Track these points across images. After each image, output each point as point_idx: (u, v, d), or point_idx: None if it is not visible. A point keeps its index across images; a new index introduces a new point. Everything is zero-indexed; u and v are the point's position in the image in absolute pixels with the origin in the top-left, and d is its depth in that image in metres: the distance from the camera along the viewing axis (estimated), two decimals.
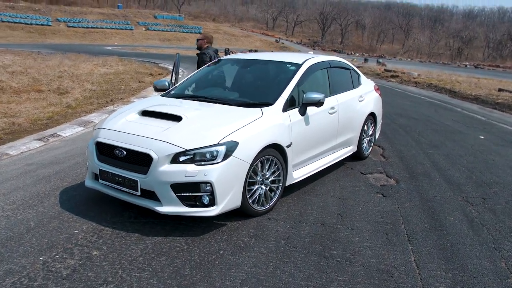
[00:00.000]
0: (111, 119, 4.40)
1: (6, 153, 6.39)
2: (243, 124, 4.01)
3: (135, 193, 3.86)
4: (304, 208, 4.60)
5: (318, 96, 4.67)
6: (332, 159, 5.60)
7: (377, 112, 6.82)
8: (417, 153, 7.19)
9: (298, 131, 4.64)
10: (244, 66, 5.62)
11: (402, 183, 5.63)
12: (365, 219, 4.39)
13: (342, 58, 6.44)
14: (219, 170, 3.69)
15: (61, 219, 4.13)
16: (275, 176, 4.35)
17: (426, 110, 12.38)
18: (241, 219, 4.21)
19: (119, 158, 3.96)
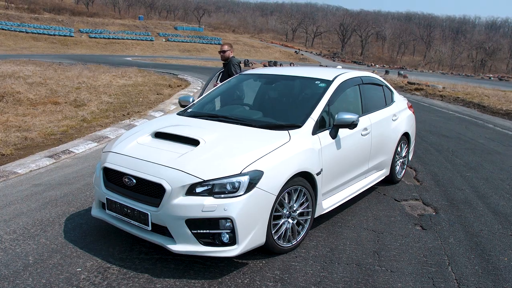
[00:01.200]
0: (120, 142, 3.96)
1: (14, 171, 6.03)
2: (268, 150, 3.52)
3: (145, 228, 3.40)
4: (335, 243, 4.07)
5: (351, 117, 4.16)
6: (363, 185, 5.06)
7: (411, 132, 6.26)
8: (453, 176, 6.59)
9: (328, 156, 4.12)
10: (268, 82, 5.15)
11: (442, 212, 5.06)
12: (406, 259, 3.83)
13: (374, 73, 5.92)
14: (241, 204, 3.20)
15: (63, 253, 3.69)
16: (303, 208, 3.84)
17: (456, 127, 11.72)
18: (265, 257, 3.70)
19: (128, 187, 3.51)
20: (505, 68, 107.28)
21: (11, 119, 9.72)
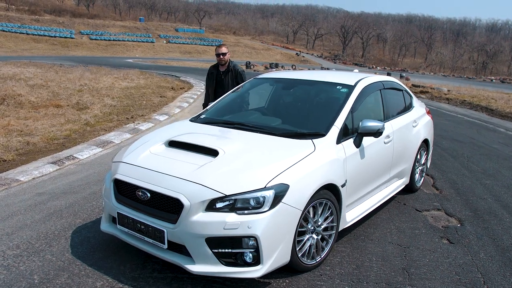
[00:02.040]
0: (132, 151, 3.70)
1: (16, 179, 5.78)
2: (293, 162, 3.26)
3: (160, 246, 3.14)
4: (361, 259, 3.81)
5: (377, 125, 3.91)
6: (385, 195, 4.81)
7: (430, 138, 6.01)
8: (473, 184, 6.33)
9: (353, 167, 3.87)
10: (286, 87, 4.89)
11: (467, 224, 4.80)
12: (438, 277, 3.57)
13: (393, 78, 5.66)
14: (266, 221, 2.94)
15: (71, 271, 3.43)
16: (328, 223, 3.58)
17: (467, 131, 11.46)
18: (287, 275, 3.44)
19: (142, 201, 3.25)
20: (507, 70, 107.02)
21: (12, 122, 9.47)
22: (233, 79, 6.18)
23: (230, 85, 6.09)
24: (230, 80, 6.16)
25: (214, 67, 6.35)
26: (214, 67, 6.35)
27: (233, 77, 6.21)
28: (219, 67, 6.28)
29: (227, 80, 6.21)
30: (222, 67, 6.27)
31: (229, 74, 6.23)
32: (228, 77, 6.23)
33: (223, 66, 6.25)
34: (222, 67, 6.26)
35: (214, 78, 6.30)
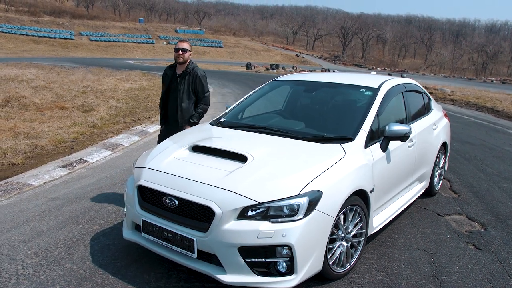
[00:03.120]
0: (155, 156, 3.60)
1: (28, 183, 5.68)
2: (325, 167, 3.16)
3: (189, 255, 3.03)
4: (389, 267, 3.71)
5: (404, 129, 3.82)
6: (407, 199, 4.72)
7: (448, 141, 5.93)
8: (490, 187, 6.24)
9: (380, 171, 3.78)
10: (308, 90, 4.79)
11: (491, 229, 4.71)
12: (470, 285, 3.48)
13: (413, 80, 5.57)
14: (301, 229, 2.85)
15: (94, 281, 3.33)
16: (357, 229, 3.49)
17: (477, 133, 11.37)
18: (317, 283, 3.34)
19: (169, 209, 3.15)
20: (506, 71, 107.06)
21: (18, 125, 9.37)
22: (190, 85, 4.88)
23: (185, 93, 4.87)
24: (186, 86, 4.86)
25: (171, 67, 5.05)
26: (170, 68, 5.06)
27: (190, 82, 4.88)
28: (176, 68, 4.97)
29: (183, 86, 4.87)
30: (179, 68, 4.94)
31: (186, 79, 4.87)
32: (184, 82, 4.88)
33: (181, 66, 4.92)
34: (179, 67, 4.93)
35: (167, 81, 5.00)
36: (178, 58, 4.85)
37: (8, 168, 6.43)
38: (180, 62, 4.87)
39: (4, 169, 6.36)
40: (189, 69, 4.89)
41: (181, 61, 4.86)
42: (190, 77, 4.88)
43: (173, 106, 4.95)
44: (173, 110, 4.94)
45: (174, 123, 4.95)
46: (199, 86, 4.91)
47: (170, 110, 4.99)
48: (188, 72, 4.89)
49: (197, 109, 4.96)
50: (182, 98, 4.86)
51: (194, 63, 5.00)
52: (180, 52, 4.83)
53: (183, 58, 4.84)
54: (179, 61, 4.85)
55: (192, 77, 4.88)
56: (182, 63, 4.87)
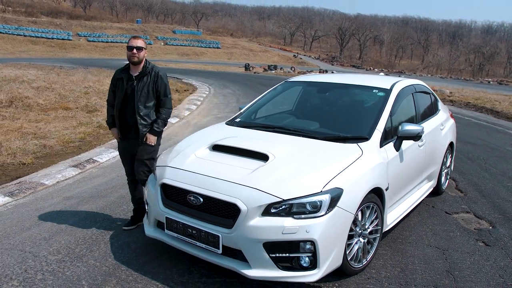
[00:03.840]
0: (176, 155, 3.70)
1: (41, 182, 5.76)
2: (344, 166, 3.27)
3: (214, 251, 3.13)
4: (404, 262, 3.82)
5: (417, 128, 3.94)
6: (417, 198, 4.83)
7: (454, 141, 6.06)
8: (495, 187, 6.36)
9: (393, 170, 3.89)
10: (321, 91, 4.90)
11: (499, 227, 4.82)
12: (483, 280, 3.59)
13: (422, 81, 5.68)
14: (323, 225, 2.95)
15: (118, 277, 3.42)
16: (373, 226, 3.60)
17: (478, 133, 11.51)
18: (335, 279, 3.45)
19: (193, 206, 3.24)
20: (503, 72, 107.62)
21: (25, 125, 9.45)
22: (150, 87, 4.19)
23: (143, 97, 4.16)
24: (146, 88, 4.16)
25: (123, 70, 4.27)
26: (122, 71, 4.27)
27: (149, 84, 4.19)
28: (130, 70, 4.23)
29: (141, 89, 4.15)
30: (134, 69, 4.21)
31: (145, 80, 4.18)
32: (142, 84, 4.16)
33: (136, 67, 4.20)
34: (134, 69, 4.21)
35: (122, 87, 4.18)
36: (133, 58, 4.11)
37: (19, 168, 6.51)
38: (135, 62, 4.13)
39: (15, 169, 6.44)
40: (148, 69, 4.22)
41: (136, 61, 4.12)
42: (149, 78, 4.20)
43: (130, 114, 4.18)
44: (132, 119, 4.18)
45: (133, 134, 4.24)
46: (161, 87, 4.24)
47: (128, 120, 4.22)
48: (146, 72, 4.20)
49: (160, 115, 4.26)
50: (141, 102, 4.16)
51: (151, 62, 4.35)
52: (134, 51, 4.08)
53: (138, 58, 4.12)
54: (134, 60, 4.12)
55: (153, 78, 4.20)
56: (137, 63, 4.14)
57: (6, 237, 4.07)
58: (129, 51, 4.12)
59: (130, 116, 4.20)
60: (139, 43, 4.12)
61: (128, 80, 4.19)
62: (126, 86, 4.17)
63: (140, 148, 4.23)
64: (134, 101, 4.15)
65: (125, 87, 4.17)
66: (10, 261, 3.62)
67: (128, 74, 4.22)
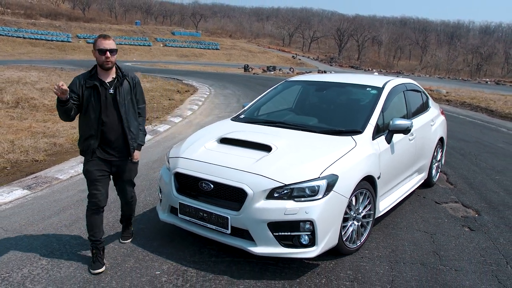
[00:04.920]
0: (187, 147, 4.08)
1: (56, 177, 6.13)
2: (339, 155, 3.66)
3: (224, 231, 3.50)
4: (395, 244, 4.20)
5: (406, 123, 4.32)
6: (409, 188, 5.21)
7: (445, 137, 6.44)
8: (484, 179, 6.74)
9: (385, 161, 4.27)
10: (319, 89, 5.29)
11: (484, 214, 5.20)
12: (465, 259, 3.97)
13: (413, 80, 6.07)
14: (321, 207, 3.33)
15: (136, 257, 3.79)
16: (366, 211, 3.98)
17: (471, 131, 11.91)
18: (333, 258, 3.83)
19: (204, 192, 3.62)
20: (501, 72, 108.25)
21: (33, 125, 9.81)
22: (132, 95, 3.64)
23: (129, 106, 3.59)
24: (129, 97, 3.59)
25: (92, 77, 3.47)
26: (90, 78, 3.47)
27: (131, 91, 3.61)
28: (99, 75, 3.49)
29: (123, 97, 3.54)
30: (104, 75, 3.50)
31: (125, 87, 3.56)
32: (123, 92, 3.54)
33: (107, 73, 3.51)
34: (106, 74, 3.51)
35: (97, 96, 3.44)
36: (107, 63, 3.42)
37: (32, 164, 6.86)
38: (108, 68, 3.46)
39: (29, 165, 6.80)
40: (124, 74, 3.59)
41: (110, 66, 3.46)
42: (129, 84, 3.59)
43: (112, 128, 3.51)
44: (114, 133, 3.54)
45: (117, 151, 3.60)
46: (140, 94, 3.76)
47: (109, 135, 3.52)
48: (123, 77, 3.57)
49: (141, 126, 3.81)
50: (128, 114, 3.58)
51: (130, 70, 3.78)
52: (107, 54, 3.39)
53: (112, 62, 3.47)
54: (108, 66, 3.45)
55: (132, 83, 3.63)
56: (110, 68, 3.48)
57: (30, 225, 4.44)
58: (101, 54, 3.38)
59: (112, 130, 3.51)
60: (111, 44, 3.43)
61: (103, 88, 3.46)
62: (104, 96, 3.44)
63: (128, 167, 3.70)
64: (117, 113, 3.51)
65: (101, 97, 3.43)
66: (37, 244, 3.99)
67: (99, 80, 3.46)
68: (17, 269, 3.51)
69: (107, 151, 3.57)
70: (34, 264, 3.61)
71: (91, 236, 3.62)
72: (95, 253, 3.60)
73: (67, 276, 3.44)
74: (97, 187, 3.57)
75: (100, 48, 3.39)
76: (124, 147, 3.61)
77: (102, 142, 3.53)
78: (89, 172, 3.56)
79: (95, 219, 3.63)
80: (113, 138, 3.54)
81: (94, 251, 3.61)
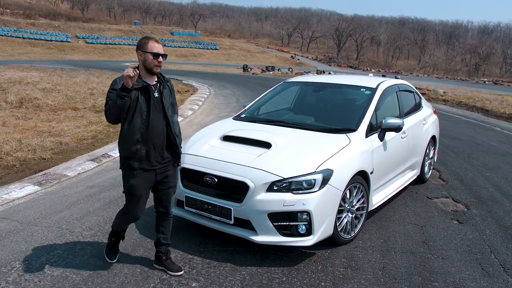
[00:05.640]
0: (193, 144, 4.36)
1: (64, 174, 6.39)
2: (334, 151, 3.95)
3: (227, 222, 3.79)
4: (386, 235, 4.49)
5: (398, 122, 4.60)
6: (401, 183, 5.49)
7: (437, 135, 6.72)
8: (475, 176, 7.03)
9: (378, 157, 4.55)
10: (316, 90, 5.58)
11: (473, 208, 5.49)
12: (453, 248, 4.26)
13: (406, 81, 6.36)
14: (317, 199, 3.61)
15: (145, 247, 4.07)
16: (360, 204, 4.26)
17: (466, 130, 12.20)
18: (328, 247, 4.11)
19: (208, 185, 3.90)
20: (499, 72, 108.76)
21: (39, 124, 10.06)
22: (170, 98, 3.50)
23: (172, 111, 3.48)
24: (168, 99, 3.46)
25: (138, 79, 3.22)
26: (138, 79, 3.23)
27: (169, 95, 3.49)
28: (145, 78, 3.34)
29: (167, 100, 3.44)
30: (150, 79, 3.37)
31: (166, 91, 3.46)
32: (167, 96, 3.45)
33: (152, 76, 3.38)
34: (151, 78, 3.38)
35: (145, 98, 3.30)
36: (156, 68, 3.32)
37: (40, 162, 7.13)
38: (157, 72, 3.37)
39: (37, 163, 7.06)
40: (166, 78, 3.53)
41: (159, 71, 3.39)
42: (167, 87, 3.49)
43: (159, 132, 3.37)
44: (159, 139, 3.38)
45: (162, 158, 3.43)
46: (174, 98, 3.58)
47: (154, 140, 3.35)
48: (165, 81, 3.50)
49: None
50: (173, 117, 3.49)
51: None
52: (161, 59, 3.30)
53: (161, 67, 3.38)
54: (157, 70, 3.35)
55: (171, 87, 3.56)
56: (158, 72, 3.40)
57: (43, 218, 4.71)
58: (155, 58, 3.27)
59: (159, 135, 3.37)
60: (162, 49, 3.36)
61: (145, 93, 3.32)
62: (150, 100, 3.31)
63: (172, 172, 3.53)
64: (162, 116, 3.39)
65: (148, 101, 3.30)
66: (51, 236, 4.26)
67: (147, 85, 3.32)
68: (36, 257, 3.79)
69: (152, 158, 3.36)
70: (51, 253, 3.88)
71: (117, 231, 3.69)
72: (114, 241, 3.71)
73: (82, 263, 3.71)
74: (139, 205, 3.46)
75: (154, 52, 3.27)
76: (169, 152, 3.46)
77: (148, 148, 3.32)
78: (134, 187, 3.36)
79: (126, 224, 3.68)
80: (159, 143, 3.37)
81: (113, 238, 3.71)
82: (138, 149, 3.29)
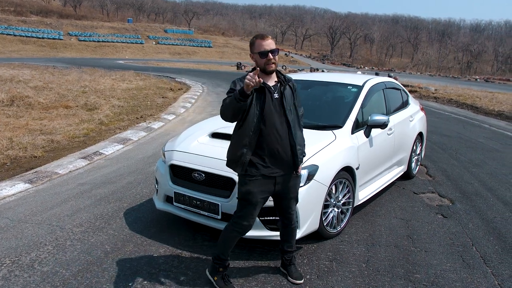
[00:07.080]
0: (182, 141, 4.43)
1: (55, 172, 6.43)
2: (320, 147, 4.03)
3: (215, 217, 3.86)
4: (372, 229, 4.59)
5: (383, 118, 4.69)
6: (388, 179, 5.59)
7: (424, 132, 6.83)
8: (461, 172, 7.15)
9: (363, 153, 4.65)
10: (304, 87, 5.65)
11: (458, 203, 5.60)
12: (436, 241, 4.36)
13: (393, 79, 6.46)
14: (302, 194, 3.68)
15: (134, 242, 4.14)
16: (346, 199, 4.35)
17: (455, 127, 12.35)
18: (315, 241, 4.20)
19: (196, 181, 3.97)
20: (490, 69, 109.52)
21: (30, 122, 10.06)
22: (292, 100, 3.22)
23: (293, 112, 3.22)
24: (290, 101, 3.20)
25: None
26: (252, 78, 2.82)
27: (291, 97, 3.22)
28: (263, 78, 3.06)
29: (288, 102, 3.18)
30: (268, 79, 3.13)
31: (287, 93, 3.19)
32: (288, 98, 3.18)
33: (270, 77, 3.14)
34: (268, 78, 3.14)
35: (262, 100, 3.07)
36: (269, 67, 3.06)
37: (31, 160, 7.16)
38: (271, 71, 3.10)
39: (28, 161, 7.09)
40: (287, 78, 3.26)
41: (274, 69, 3.10)
42: (289, 88, 3.22)
43: (277, 137, 3.12)
44: (280, 143, 3.14)
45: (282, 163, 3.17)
46: (299, 101, 3.35)
47: (272, 145, 3.11)
48: (286, 81, 3.21)
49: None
50: (295, 122, 3.23)
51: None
52: (270, 56, 3.02)
53: (276, 64, 3.10)
54: (271, 69, 3.08)
55: (293, 88, 3.27)
56: (273, 71, 3.12)
57: (34, 215, 4.76)
58: (263, 57, 3.03)
59: (277, 140, 3.12)
60: (272, 44, 3.06)
61: (261, 94, 3.07)
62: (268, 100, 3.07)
63: (293, 182, 3.29)
64: (284, 120, 3.14)
65: (267, 102, 3.07)
66: (41, 232, 4.31)
67: (263, 84, 3.05)
68: (25, 254, 3.84)
69: (271, 164, 3.13)
70: (41, 249, 3.93)
71: (222, 255, 3.31)
72: (223, 272, 3.35)
73: (72, 258, 3.77)
74: (254, 213, 3.21)
75: (261, 51, 3.02)
76: (290, 159, 3.19)
77: (264, 154, 3.11)
78: (251, 194, 3.13)
79: (235, 240, 3.31)
80: (279, 149, 3.12)
81: (220, 269, 3.34)
82: (243, 153, 3.10)
